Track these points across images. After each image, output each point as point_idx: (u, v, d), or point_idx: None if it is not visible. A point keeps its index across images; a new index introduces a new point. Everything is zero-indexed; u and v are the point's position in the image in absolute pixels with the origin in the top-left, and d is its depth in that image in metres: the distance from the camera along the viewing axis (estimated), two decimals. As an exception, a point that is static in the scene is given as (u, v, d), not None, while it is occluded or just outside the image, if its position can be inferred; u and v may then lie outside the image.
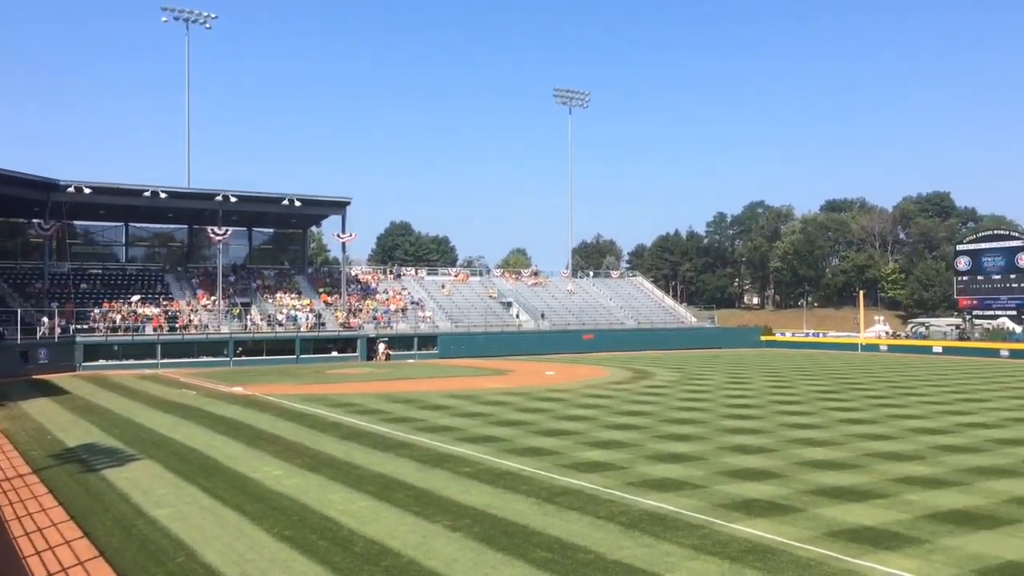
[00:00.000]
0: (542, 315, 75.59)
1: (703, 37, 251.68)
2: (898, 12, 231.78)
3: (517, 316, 75.56)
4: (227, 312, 60.86)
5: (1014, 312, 73.93)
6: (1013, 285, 73.32)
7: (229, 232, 61.17)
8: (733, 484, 17.53)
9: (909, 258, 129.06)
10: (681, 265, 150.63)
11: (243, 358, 57.49)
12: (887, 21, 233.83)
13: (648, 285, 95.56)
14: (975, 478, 18.23)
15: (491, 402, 33.21)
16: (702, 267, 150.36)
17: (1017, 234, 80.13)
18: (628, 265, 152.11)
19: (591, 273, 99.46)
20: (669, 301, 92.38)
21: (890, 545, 12.98)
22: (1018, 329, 72.77)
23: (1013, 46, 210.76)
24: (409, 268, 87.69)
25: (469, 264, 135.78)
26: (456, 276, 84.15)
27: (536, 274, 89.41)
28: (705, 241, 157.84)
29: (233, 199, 59.71)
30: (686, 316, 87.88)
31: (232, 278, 67.08)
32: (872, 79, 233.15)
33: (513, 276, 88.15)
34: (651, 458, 20.66)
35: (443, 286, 78.48)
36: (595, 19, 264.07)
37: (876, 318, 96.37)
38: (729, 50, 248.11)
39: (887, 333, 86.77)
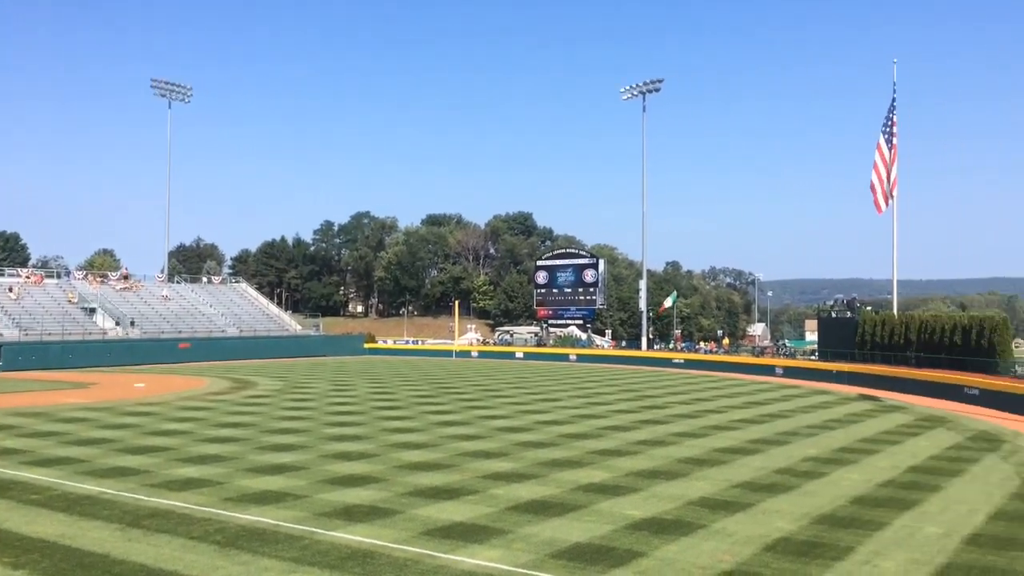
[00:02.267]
0: (132, 322, 69.45)
1: (307, 43, 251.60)
2: (486, 56, 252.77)
3: (102, 323, 68.51)
4: None
5: (580, 321, 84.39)
6: (580, 298, 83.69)
7: None
8: (335, 491, 17.56)
9: (498, 271, 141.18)
10: (287, 272, 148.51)
11: None
12: (478, 57, 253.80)
13: (252, 292, 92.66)
14: (549, 470, 20.34)
15: (68, 419, 29.59)
16: (308, 275, 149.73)
17: (584, 253, 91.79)
18: (231, 271, 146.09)
19: (189, 278, 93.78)
20: (274, 309, 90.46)
21: (478, 538, 13.93)
22: (584, 336, 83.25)
23: (577, 97, 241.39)
24: (-35, 267, 75.02)
25: (44, 264, 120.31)
26: (27, 277, 73.95)
27: (126, 278, 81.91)
28: (312, 249, 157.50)
29: None
30: (291, 324, 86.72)
31: None
32: (468, 104, 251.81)
33: (98, 279, 79.79)
34: (251, 471, 19.92)
35: (10, 289, 68.51)
36: (205, 18, 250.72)
37: (469, 326, 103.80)
38: (330, 58, 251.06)
39: (478, 340, 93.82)
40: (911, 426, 30.53)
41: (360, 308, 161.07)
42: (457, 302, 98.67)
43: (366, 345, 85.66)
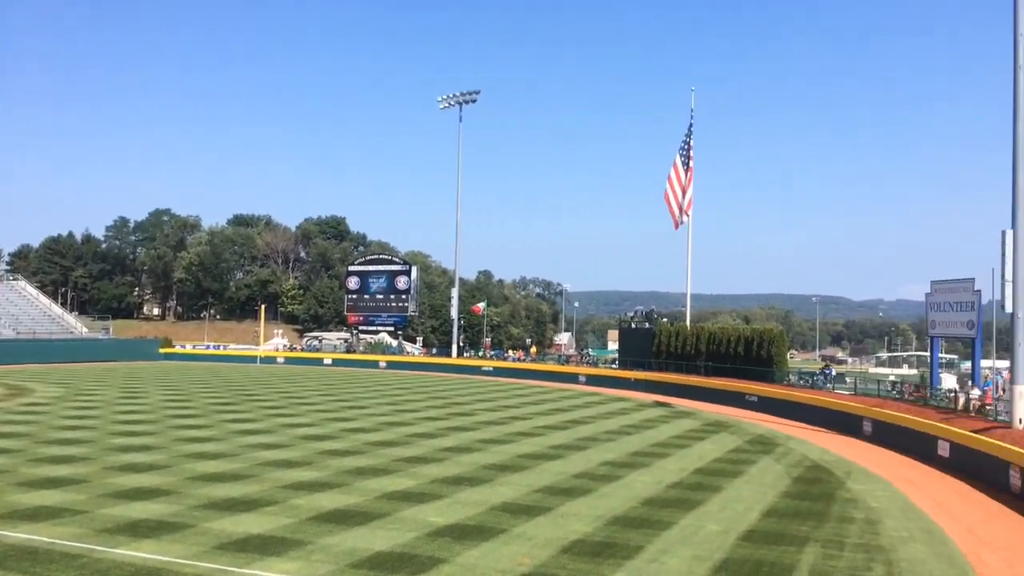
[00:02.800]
0: None
1: (108, 25, 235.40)
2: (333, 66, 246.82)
3: None
4: None
5: (392, 328, 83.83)
6: (392, 304, 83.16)
7: None
8: (119, 505, 16.43)
9: (308, 276, 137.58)
10: (74, 271, 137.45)
11: None
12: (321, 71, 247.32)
13: (32, 290, 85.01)
14: (354, 479, 20.04)
15: None
16: (99, 274, 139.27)
17: (397, 259, 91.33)
18: (9, 267, 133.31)
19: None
20: (57, 309, 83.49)
21: (276, 550, 13.48)
22: (394, 343, 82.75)
23: (395, 103, 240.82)
24: None
25: None
26: None
27: None
28: (104, 246, 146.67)
29: None
30: (77, 326, 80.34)
31: None
32: (281, 102, 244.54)
33: None
34: (24, 485, 18.26)
35: None
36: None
37: (275, 331, 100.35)
38: (134, 40, 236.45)
39: (285, 346, 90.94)
40: (698, 431, 32.66)
41: (157, 311, 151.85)
42: (263, 306, 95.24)
43: (162, 350, 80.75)
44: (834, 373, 48.92)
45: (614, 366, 63.26)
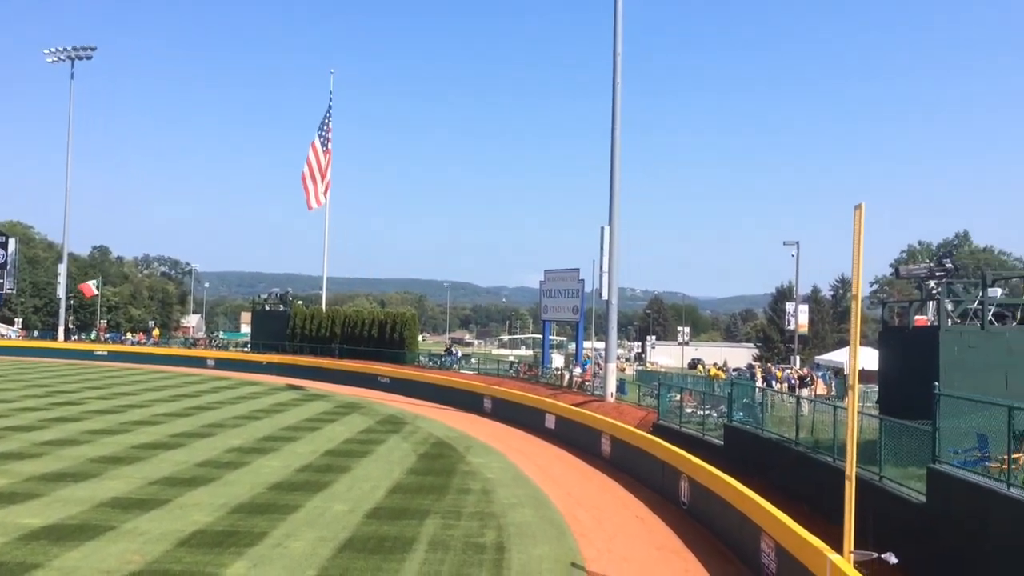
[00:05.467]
0: None
1: None
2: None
3: None
4: None
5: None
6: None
7: None
8: None
9: None
10: None
11: None
12: None
13: None
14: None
15: None
16: None
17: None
18: None
19: None
20: None
21: None
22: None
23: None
24: None
25: None
26: None
27: None
28: None
29: None
30: None
31: None
32: None
33: None
34: None
35: None
36: None
37: None
38: None
39: None
40: (331, 413, 32.78)
41: None
42: None
43: None
44: (459, 354, 51.96)
45: (246, 349, 61.11)
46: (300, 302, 64.77)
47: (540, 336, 51.17)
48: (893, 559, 10.53)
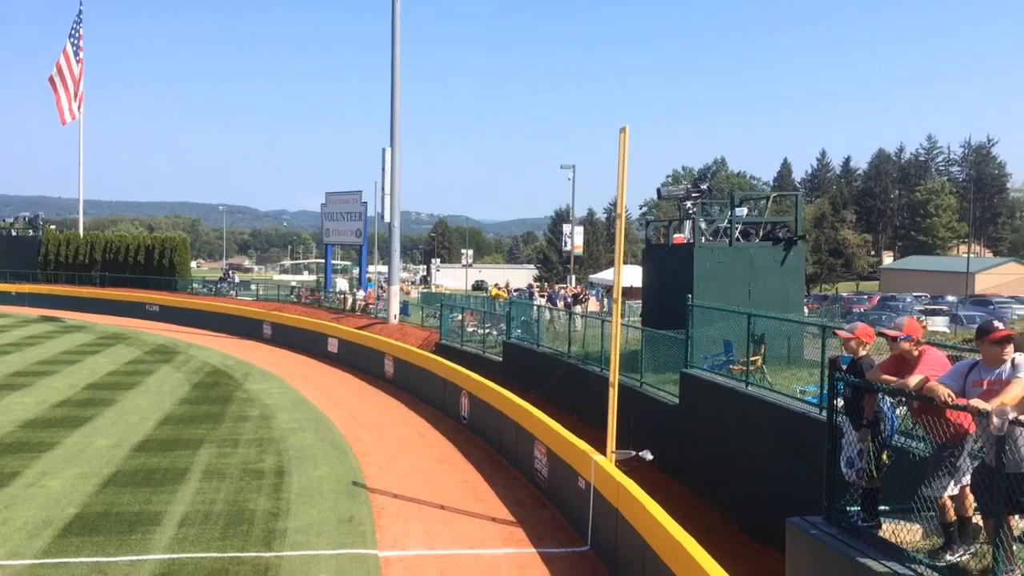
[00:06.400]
0: None
1: None
2: None
3: None
4: None
5: None
6: None
7: None
8: None
9: None
10: None
11: None
12: None
13: None
14: None
15: None
16: None
17: None
18: None
19: None
20: None
21: None
22: None
23: None
24: None
25: None
26: None
27: None
28: None
29: None
30: None
31: None
32: None
33: None
34: None
35: None
36: None
37: None
38: None
39: None
40: (92, 344, 30.50)
41: None
42: None
43: None
44: (237, 280, 49.94)
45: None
46: (53, 227, 59.04)
47: (323, 261, 50.13)
48: (649, 456, 11.51)
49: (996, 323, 5.06)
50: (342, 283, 52.37)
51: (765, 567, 10.27)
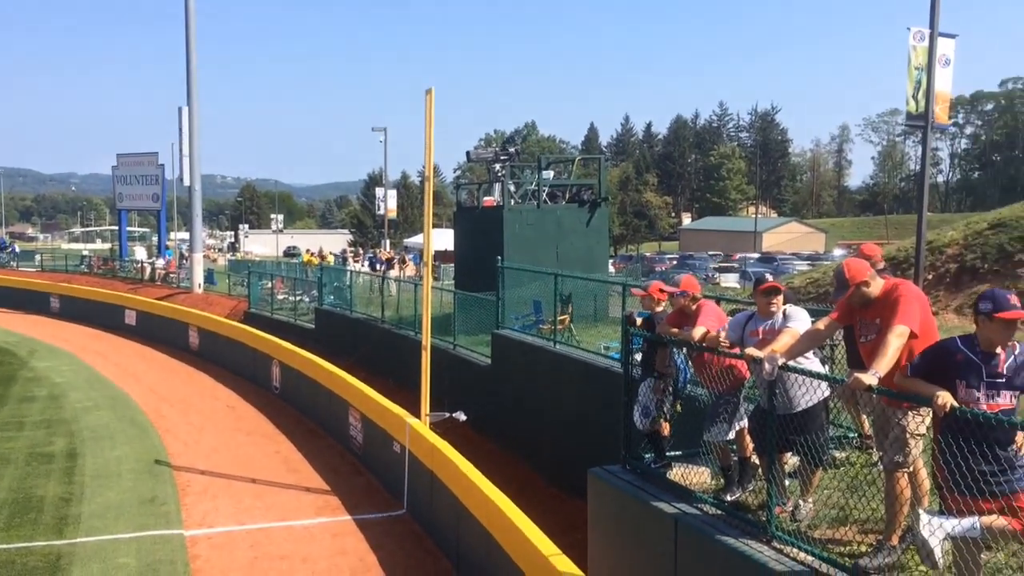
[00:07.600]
0: None
1: None
2: None
3: None
4: None
5: None
6: None
7: None
8: None
9: None
10: None
11: None
12: None
13: None
14: None
15: None
16: None
17: None
18: None
19: None
20: None
21: None
22: None
23: None
24: None
25: None
26: None
27: None
28: None
29: None
30: None
31: None
32: None
33: None
34: None
35: None
36: None
37: None
38: None
39: None
40: None
41: None
42: None
43: None
44: (16, 249, 45.80)
45: None
46: None
47: (117, 228, 46.78)
48: (462, 417, 11.68)
49: (767, 275, 5.50)
50: (140, 251, 49.21)
51: (574, 517, 10.74)
